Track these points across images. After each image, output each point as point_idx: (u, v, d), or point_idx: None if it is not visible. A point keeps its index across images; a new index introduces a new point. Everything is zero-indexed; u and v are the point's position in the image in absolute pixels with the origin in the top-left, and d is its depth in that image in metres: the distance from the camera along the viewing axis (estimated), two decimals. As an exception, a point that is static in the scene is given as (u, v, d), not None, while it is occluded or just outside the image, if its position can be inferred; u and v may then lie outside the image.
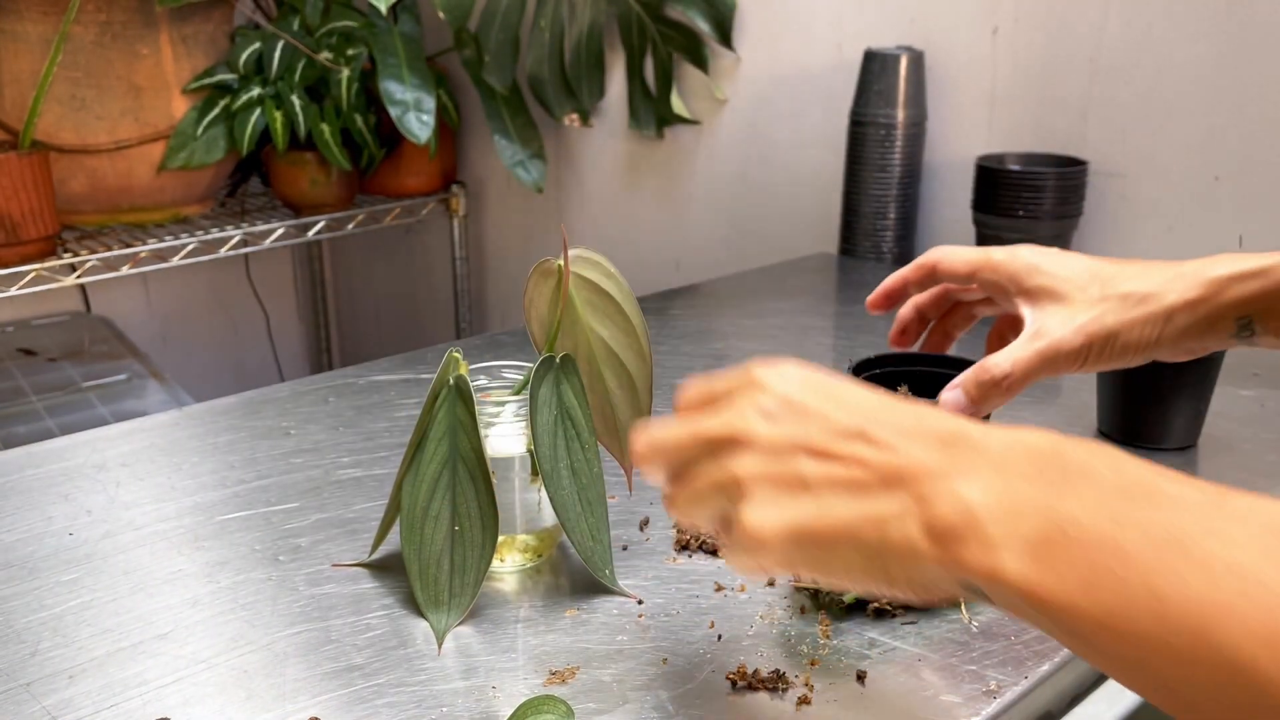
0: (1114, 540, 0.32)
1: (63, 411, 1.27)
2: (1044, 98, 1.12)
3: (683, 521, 0.58)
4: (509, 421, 0.59)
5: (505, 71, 1.51)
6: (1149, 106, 1.05)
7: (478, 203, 1.80)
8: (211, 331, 1.98)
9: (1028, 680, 0.51)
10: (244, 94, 1.47)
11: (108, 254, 1.39)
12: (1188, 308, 0.54)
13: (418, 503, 0.55)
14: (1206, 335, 0.54)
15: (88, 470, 0.72)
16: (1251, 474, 0.71)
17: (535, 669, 0.51)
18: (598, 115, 1.55)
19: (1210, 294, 0.54)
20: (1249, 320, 0.53)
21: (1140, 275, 0.56)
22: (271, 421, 0.80)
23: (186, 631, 0.54)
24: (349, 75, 1.49)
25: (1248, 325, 0.53)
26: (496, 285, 1.84)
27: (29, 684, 0.50)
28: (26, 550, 0.62)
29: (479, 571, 0.55)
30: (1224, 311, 0.54)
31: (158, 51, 1.41)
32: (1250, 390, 0.85)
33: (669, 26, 1.39)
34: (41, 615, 0.55)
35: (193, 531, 0.64)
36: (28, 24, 1.33)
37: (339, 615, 0.55)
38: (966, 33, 1.16)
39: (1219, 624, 0.30)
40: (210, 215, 1.59)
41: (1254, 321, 0.53)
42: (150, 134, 1.43)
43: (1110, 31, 1.06)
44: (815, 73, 1.29)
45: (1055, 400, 0.83)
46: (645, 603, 0.57)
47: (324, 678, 0.50)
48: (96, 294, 1.79)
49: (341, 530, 0.64)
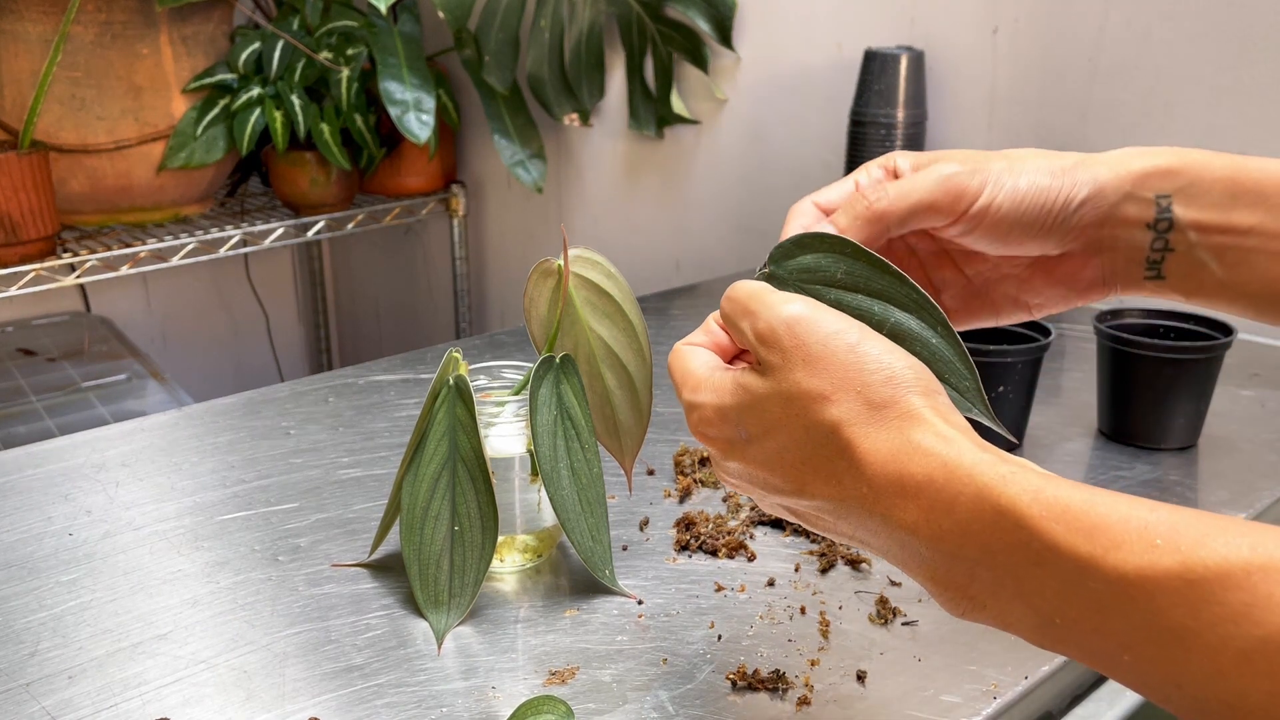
0: (1108, 630, 0.33)
1: (62, 411, 1.27)
2: (1044, 98, 1.12)
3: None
4: (509, 421, 0.59)
5: (505, 71, 1.51)
6: (1149, 106, 1.05)
7: (478, 203, 1.80)
8: (211, 331, 1.98)
9: (1028, 680, 0.51)
10: (244, 94, 1.47)
11: (107, 254, 1.39)
12: (1113, 180, 0.48)
13: (417, 503, 0.55)
14: (1121, 215, 0.48)
15: (87, 470, 0.72)
16: (1251, 474, 0.71)
17: (535, 669, 0.51)
18: (598, 115, 1.55)
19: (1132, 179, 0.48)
20: (1168, 200, 0.47)
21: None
22: (271, 421, 0.80)
23: (186, 632, 0.54)
24: (349, 75, 1.49)
25: (1167, 209, 0.47)
26: (496, 285, 1.84)
27: (28, 684, 0.50)
28: (26, 550, 0.62)
29: (479, 571, 0.55)
30: (1145, 183, 0.48)
31: (158, 51, 1.41)
32: (1250, 390, 0.85)
33: (669, 26, 1.39)
34: (41, 615, 0.55)
35: (192, 531, 0.64)
36: (28, 24, 1.33)
37: (339, 615, 0.55)
38: (966, 33, 1.16)
39: (1248, 715, 0.30)
40: (210, 215, 1.59)
41: (1172, 203, 0.47)
42: (150, 134, 1.43)
43: (1110, 31, 1.06)
44: (815, 73, 1.29)
45: (1055, 400, 0.83)
46: (645, 603, 0.57)
47: (324, 678, 0.50)
48: (96, 294, 1.79)
49: (341, 530, 0.64)
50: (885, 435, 0.38)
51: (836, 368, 0.39)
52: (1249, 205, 0.46)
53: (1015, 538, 0.34)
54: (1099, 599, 0.33)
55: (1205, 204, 0.46)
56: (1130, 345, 0.72)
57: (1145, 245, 0.48)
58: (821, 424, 0.38)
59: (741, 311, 0.42)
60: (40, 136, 1.37)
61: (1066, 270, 0.50)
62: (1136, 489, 0.69)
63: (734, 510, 0.67)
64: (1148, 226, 0.47)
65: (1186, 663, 0.31)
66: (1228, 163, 0.47)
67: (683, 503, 0.68)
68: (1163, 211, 0.47)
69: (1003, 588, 0.35)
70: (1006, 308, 0.52)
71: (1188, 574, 0.31)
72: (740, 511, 0.66)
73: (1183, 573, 0.31)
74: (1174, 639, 0.31)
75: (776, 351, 0.40)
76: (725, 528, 0.64)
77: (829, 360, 0.39)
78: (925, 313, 0.44)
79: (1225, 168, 0.47)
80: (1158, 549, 0.32)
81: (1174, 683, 0.31)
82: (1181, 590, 0.31)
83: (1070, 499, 0.34)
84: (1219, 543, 0.31)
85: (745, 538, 0.63)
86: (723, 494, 0.69)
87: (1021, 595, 0.35)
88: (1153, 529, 0.32)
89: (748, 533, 0.64)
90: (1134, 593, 0.32)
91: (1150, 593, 0.31)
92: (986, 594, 0.36)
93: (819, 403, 0.38)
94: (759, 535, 0.64)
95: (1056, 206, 0.47)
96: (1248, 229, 0.46)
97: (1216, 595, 0.30)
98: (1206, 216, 0.46)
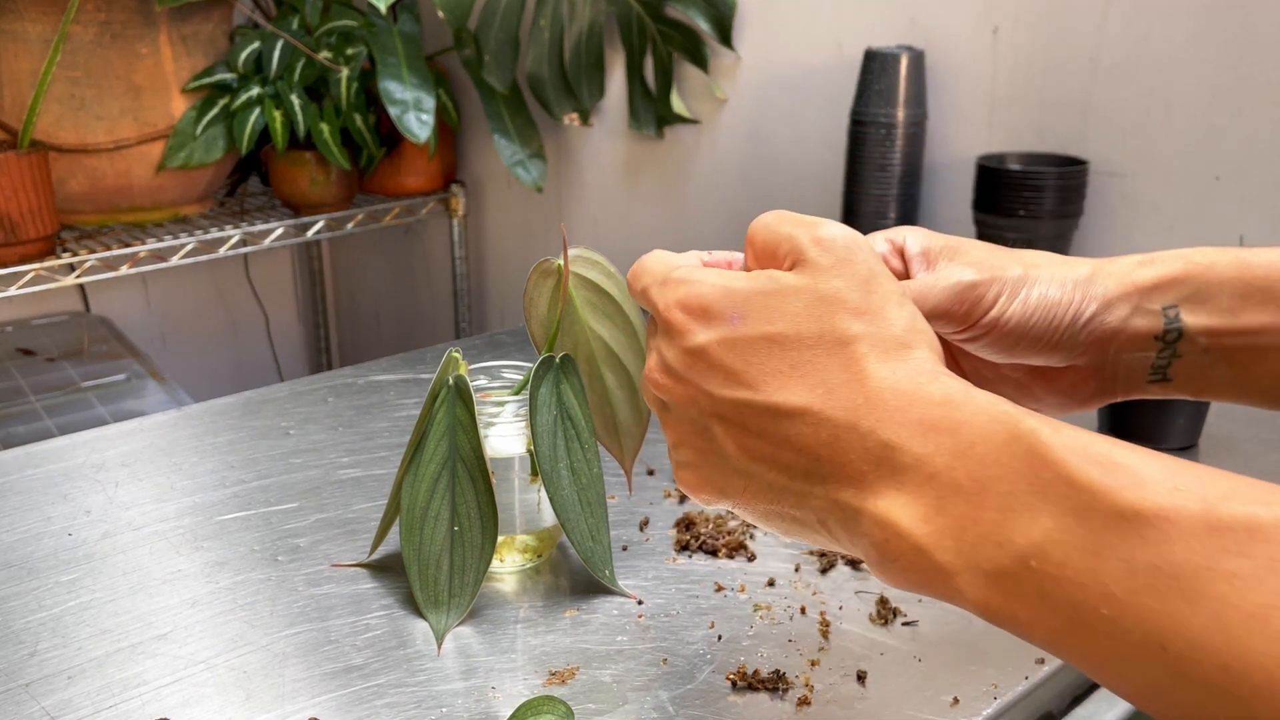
0: (1094, 577, 0.30)
1: (62, 411, 1.27)
2: (1044, 98, 1.12)
3: None
4: (509, 421, 0.59)
5: (505, 71, 1.51)
6: (1149, 106, 1.04)
7: (478, 203, 1.80)
8: (211, 331, 1.98)
9: (1028, 680, 0.50)
10: (243, 93, 1.47)
11: (107, 254, 1.39)
12: (1120, 295, 0.46)
13: (417, 503, 0.55)
14: (1128, 330, 0.46)
15: (87, 470, 0.72)
16: (1251, 474, 0.70)
17: (535, 669, 0.51)
18: (598, 115, 1.55)
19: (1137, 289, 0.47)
20: (1176, 311, 0.46)
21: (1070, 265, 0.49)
22: (271, 421, 0.80)
23: (186, 632, 0.54)
24: (348, 75, 1.49)
25: (1175, 319, 0.46)
26: (496, 285, 1.84)
27: (28, 684, 0.50)
28: (25, 550, 0.62)
29: (479, 572, 0.55)
30: (1152, 296, 0.47)
31: (157, 51, 1.40)
32: (1250, 390, 0.85)
33: (669, 26, 1.39)
34: (40, 615, 0.55)
35: (192, 532, 0.64)
36: (27, 24, 1.33)
37: (338, 615, 0.55)
38: (966, 33, 1.16)
39: (1246, 678, 0.27)
40: (210, 215, 1.59)
41: (1180, 313, 0.46)
42: (150, 134, 1.42)
43: (1110, 31, 1.06)
44: (815, 73, 1.29)
45: (1055, 400, 0.83)
46: (645, 603, 0.57)
47: (323, 678, 0.50)
48: (96, 294, 1.79)
49: (341, 530, 0.64)
50: (899, 366, 0.36)
51: (878, 294, 0.37)
52: (1259, 304, 0.45)
53: (1024, 463, 0.32)
54: (1099, 538, 0.30)
55: (1214, 309, 0.46)
56: (1130, 345, 0.72)
57: (1152, 355, 0.47)
58: (839, 333, 0.36)
59: (799, 222, 0.40)
60: (40, 136, 1.37)
61: (1069, 381, 0.49)
62: (1137, 489, 0.69)
63: (734, 510, 0.67)
64: (1155, 339, 0.46)
65: (1187, 617, 0.28)
66: (1233, 261, 0.46)
67: (683, 503, 0.68)
68: (1171, 323, 0.46)
69: (976, 524, 0.33)
70: None
71: (1211, 520, 0.29)
72: (740, 511, 0.66)
73: (1206, 518, 0.29)
74: (1179, 588, 0.29)
75: (830, 255, 0.38)
76: (725, 528, 0.64)
77: (874, 284, 0.38)
78: None
79: (1231, 267, 0.46)
80: (1180, 493, 0.30)
81: (1160, 643, 0.29)
82: (1201, 535, 0.29)
83: (1094, 440, 0.32)
84: (1248, 497, 0.30)
85: (745, 538, 0.63)
86: (723, 494, 0.69)
87: (997, 532, 0.32)
88: (1177, 476, 0.31)
89: (748, 533, 0.64)
90: (1146, 531, 0.29)
91: (1165, 532, 0.29)
92: (951, 532, 0.33)
93: (849, 314, 0.37)
94: (759, 535, 0.64)
95: (1065, 322, 0.46)
96: (1259, 329, 0.45)
97: (1242, 546, 0.28)
98: (1216, 322, 0.46)
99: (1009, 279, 0.46)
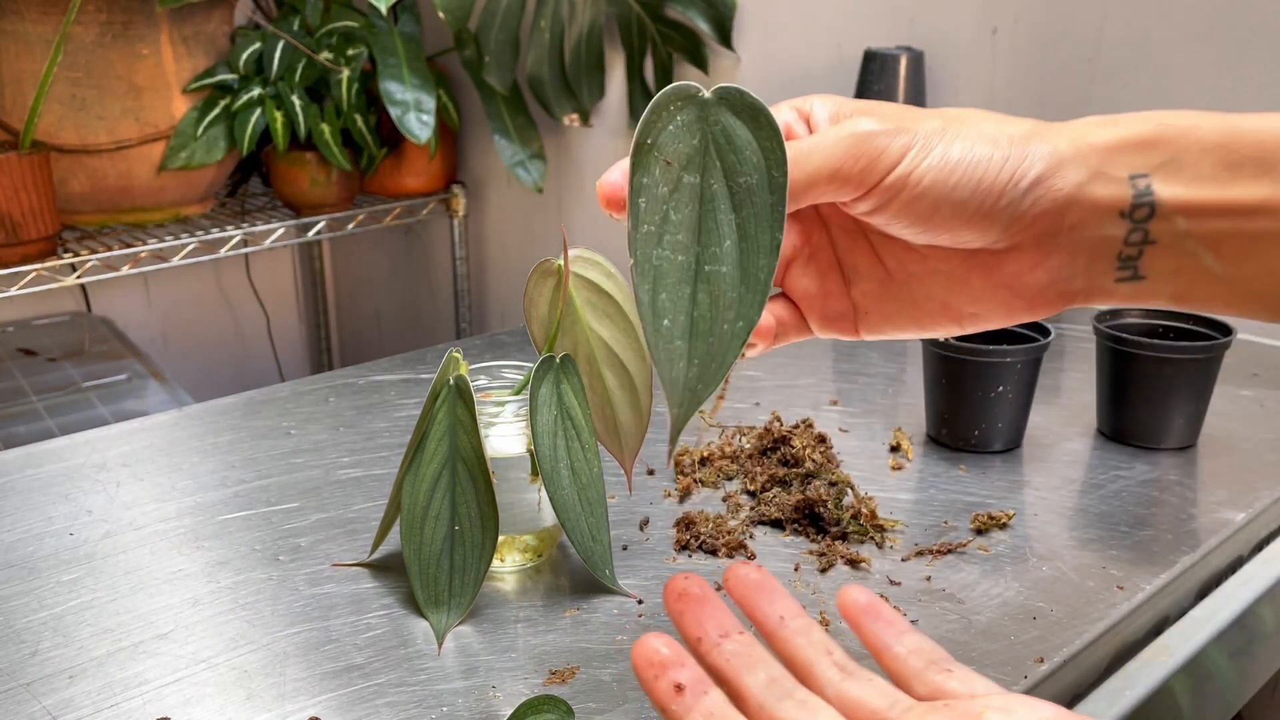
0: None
1: (63, 411, 1.27)
2: (1044, 98, 1.12)
3: None
4: (509, 421, 0.59)
5: (505, 71, 1.51)
6: (1149, 106, 1.04)
7: (478, 203, 1.80)
8: (212, 331, 1.98)
9: (1028, 680, 0.51)
10: (244, 94, 1.48)
11: (108, 254, 1.39)
12: (1074, 154, 0.38)
13: (418, 503, 0.56)
14: (1085, 200, 0.38)
15: (88, 470, 0.72)
16: (1251, 474, 0.71)
17: (535, 669, 0.51)
18: (598, 115, 1.55)
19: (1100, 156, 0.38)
20: (1147, 181, 0.37)
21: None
22: (271, 421, 0.80)
23: (187, 631, 0.54)
24: (349, 75, 1.50)
25: (1146, 191, 0.37)
26: (496, 285, 1.84)
27: (29, 684, 0.50)
28: (26, 550, 0.62)
29: (479, 571, 0.55)
30: (1115, 159, 0.38)
31: (158, 51, 1.41)
32: (1250, 390, 0.85)
33: (669, 26, 1.39)
34: (42, 615, 0.55)
35: (193, 531, 0.64)
36: (28, 24, 1.33)
37: (339, 615, 0.55)
38: (966, 33, 1.16)
39: None
40: (210, 215, 1.59)
41: (1153, 184, 0.37)
42: (150, 134, 1.43)
43: (1110, 32, 1.06)
44: (815, 73, 1.29)
45: (1055, 401, 0.83)
46: (645, 603, 0.57)
47: (324, 678, 0.50)
48: (97, 294, 1.79)
49: (341, 530, 0.64)
50: None
51: None
52: (1252, 176, 0.36)
53: None
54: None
55: (1194, 179, 0.37)
56: (1129, 345, 0.72)
57: (1118, 239, 0.38)
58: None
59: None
60: (41, 136, 1.37)
61: (1012, 270, 0.40)
62: (1136, 488, 0.69)
63: (734, 510, 0.67)
64: (1121, 215, 0.37)
65: None
66: (1218, 124, 0.37)
67: (683, 503, 0.68)
68: (1141, 195, 0.37)
69: None
70: (932, 314, 0.42)
71: None
72: (740, 511, 0.67)
73: None
74: None
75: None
76: (725, 528, 0.64)
77: None
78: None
79: (1216, 131, 0.37)
80: None
81: None
82: None
83: None
84: None
85: (745, 537, 0.63)
86: (722, 494, 0.69)
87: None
88: None
89: (748, 532, 0.64)
90: None
91: None
92: None
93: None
94: (759, 535, 0.64)
95: (999, 185, 0.37)
96: (1253, 206, 0.36)
97: None
98: (1198, 195, 0.37)
99: (920, 130, 0.38)
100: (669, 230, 0.38)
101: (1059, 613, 0.55)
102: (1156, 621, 0.58)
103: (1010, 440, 0.74)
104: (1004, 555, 0.61)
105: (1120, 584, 0.58)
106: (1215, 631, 0.57)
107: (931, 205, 0.38)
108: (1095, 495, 0.68)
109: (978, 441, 0.74)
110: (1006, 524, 0.64)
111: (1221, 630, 0.57)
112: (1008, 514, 0.64)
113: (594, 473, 0.57)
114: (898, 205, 0.38)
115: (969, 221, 0.38)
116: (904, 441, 0.75)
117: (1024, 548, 0.62)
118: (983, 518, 0.64)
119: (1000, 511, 0.65)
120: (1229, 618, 0.58)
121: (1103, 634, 0.54)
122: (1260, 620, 0.61)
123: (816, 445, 0.71)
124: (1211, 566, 0.62)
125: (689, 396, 0.39)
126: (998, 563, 0.60)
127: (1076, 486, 0.69)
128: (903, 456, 0.74)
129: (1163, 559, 0.60)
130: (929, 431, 0.77)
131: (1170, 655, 0.55)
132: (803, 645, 0.41)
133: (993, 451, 0.74)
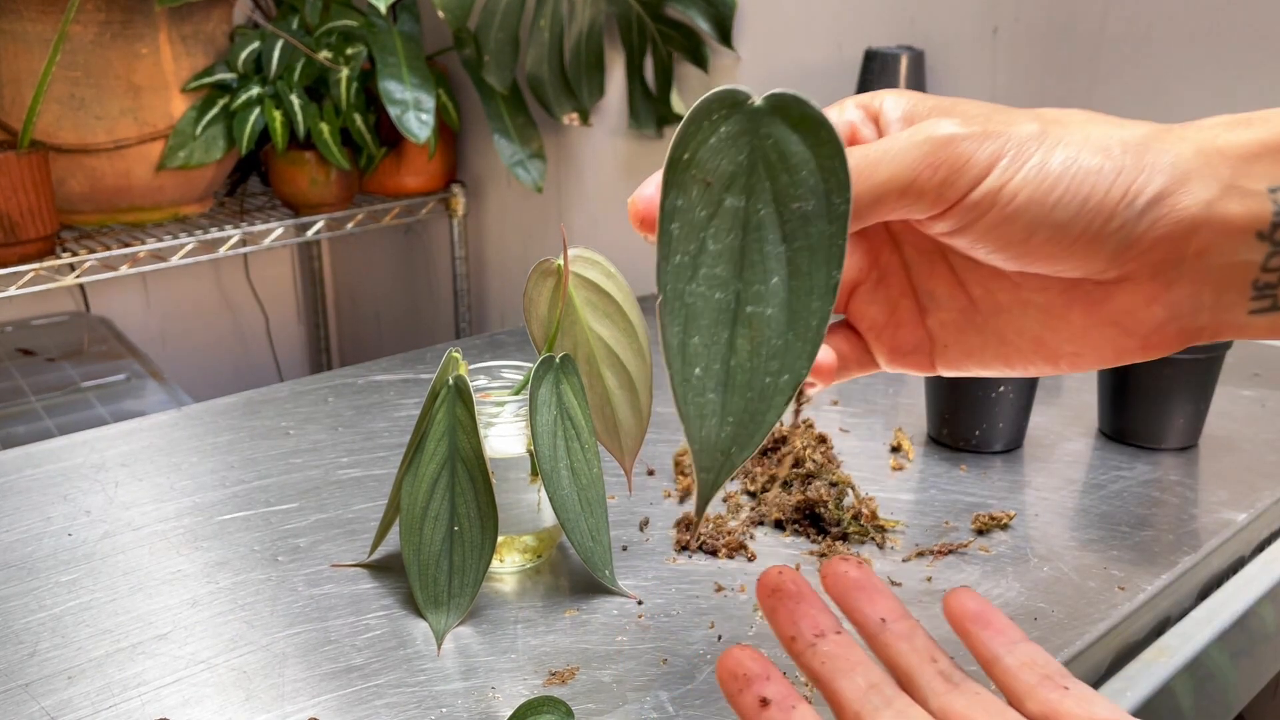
0: None
1: (62, 411, 1.27)
2: (1044, 98, 1.11)
3: None
4: (508, 421, 0.59)
5: (505, 71, 1.51)
6: (1149, 107, 1.04)
7: (477, 202, 1.80)
8: (211, 331, 1.98)
9: (1028, 681, 0.50)
10: (243, 93, 1.47)
11: (107, 254, 1.39)
12: (1202, 165, 0.31)
13: (417, 503, 0.55)
14: (1217, 220, 0.31)
15: (87, 470, 0.72)
16: (1252, 474, 0.71)
17: (535, 669, 0.51)
18: (598, 115, 1.55)
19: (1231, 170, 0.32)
20: None
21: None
22: (271, 421, 0.80)
23: (185, 632, 0.54)
24: (348, 75, 1.49)
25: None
26: (496, 285, 1.84)
27: (28, 684, 0.50)
28: (25, 550, 0.62)
29: (478, 572, 0.55)
30: (1253, 169, 0.31)
31: (157, 51, 1.40)
32: (1250, 390, 0.85)
33: (669, 26, 1.39)
34: (40, 616, 0.55)
35: (192, 532, 0.64)
36: (27, 23, 1.33)
37: (338, 616, 0.55)
38: (967, 32, 1.15)
39: None
40: (209, 215, 1.59)
41: None
42: (149, 133, 1.42)
43: (1110, 32, 1.06)
44: (815, 73, 1.29)
45: (1055, 400, 0.83)
46: (645, 603, 0.57)
47: (323, 678, 0.50)
48: (95, 294, 1.79)
49: (341, 530, 0.64)
50: None
51: None
52: None
53: None
54: None
55: None
56: (1130, 345, 0.72)
57: (1255, 264, 0.31)
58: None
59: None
60: (39, 136, 1.37)
61: (1123, 305, 0.33)
62: (1137, 489, 0.69)
63: (734, 510, 0.67)
64: (1260, 236, 0.31)
65: None
66: None
67: (683, 503, 0.68)
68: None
69: None
70: (1023, 351, 0.36)
71: None
72: (740, 511, 0.66)
73: None
74: None
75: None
76: (725, 528, 0.64)
77: None
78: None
79: None
80: None
81: None
82: None
83: None
84: None
85: (745, 538, 0.63)
86: (722, 494, 0.69)
87: None
88: None
89: (748, 533, 0.64)
90: None
91: None
92: None
93: None
94: (759, 535, 0.64)
95: (1109, 203, 0.30)
96: None
97: None
98: None
99: (1013, 135, 0.32)
100: (705, 262, 0.32)
101: (1060, 613, 0.55)
102: (1158, 622, 0.58)
103: (1011, 440, 0.74)
104: (1005, 556, 0.61)
105: (1121, 584, 0.58)
106: (1216, 632, 0.57)
107: (1026, 227, 0.31)
108: (1096, 495, 0.68)
109: (978, 442, 0.73)
110: (1007, 524, 0.64)
111: (1223, 631, 0.57)
112: (1009, 514, 0.64)
113: (594, 473, 0.57)
114: (984, 226, 0.32)
115: (1071, 247, 0.31)
116: (905, 442, 0.75)
117: (1025, 548, 0.62)
118: (984, 518, 0.64)
119: (1001, 512, 0.64)
120: (1230, 618, 0.58)
121: (1104, 634, 0.54)
122: (1262, 621, 0.60)
123: (817, 445, 0.71)
124: (1213, 567, 0.62)
125: (721, 460, 0.33)
126: (999, 563, 0.60)
127: (1077, 487, 0.69)
128: (903, 457, 0.74)
129: (1164, 559, 0.60)
130: (930, 432, 0.76)
131: (1171, 656, 0.55)
132: (905, 651, 0.37)
133: (993, 452, 0.74)
